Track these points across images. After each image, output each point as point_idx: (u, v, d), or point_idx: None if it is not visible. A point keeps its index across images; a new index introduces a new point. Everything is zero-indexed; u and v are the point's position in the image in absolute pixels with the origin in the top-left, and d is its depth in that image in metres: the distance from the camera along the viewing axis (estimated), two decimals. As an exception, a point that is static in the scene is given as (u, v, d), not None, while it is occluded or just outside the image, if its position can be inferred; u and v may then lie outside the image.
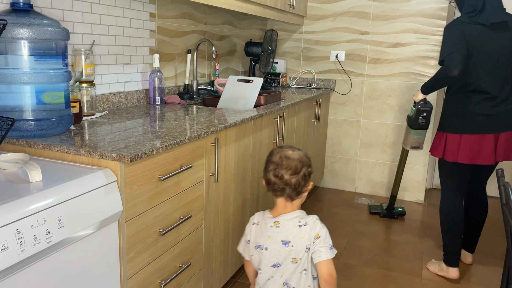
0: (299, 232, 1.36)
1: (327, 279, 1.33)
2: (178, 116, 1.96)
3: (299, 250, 1.35)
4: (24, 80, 1.35)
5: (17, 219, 0.97)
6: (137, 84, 2.31)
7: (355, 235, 2.89)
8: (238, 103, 2.46)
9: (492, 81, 2.15)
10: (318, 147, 3.54)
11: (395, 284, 2.32)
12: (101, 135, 1.49)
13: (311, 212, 3.26)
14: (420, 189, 3.59)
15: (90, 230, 1.16)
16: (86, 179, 1.17)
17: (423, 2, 3.31)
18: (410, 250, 2.73)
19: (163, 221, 1.50)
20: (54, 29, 1.38)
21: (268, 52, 3.28)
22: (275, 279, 1.38)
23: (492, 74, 2.15)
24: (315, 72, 3.73)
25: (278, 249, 1.36)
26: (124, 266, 1.33)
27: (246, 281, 2.29)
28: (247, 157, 2.12)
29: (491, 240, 2.92)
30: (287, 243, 1.35)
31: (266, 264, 1.39)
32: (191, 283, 1.74)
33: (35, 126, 1.39)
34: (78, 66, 1.82)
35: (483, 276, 2.45)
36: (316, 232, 1.35)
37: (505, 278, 1.53)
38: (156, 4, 2.38)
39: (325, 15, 3.62)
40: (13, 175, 1.17)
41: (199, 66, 2.91)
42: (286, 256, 1.36)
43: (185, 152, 1.58)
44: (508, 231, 1.41)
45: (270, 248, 1.37)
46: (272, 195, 1.40)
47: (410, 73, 3.44)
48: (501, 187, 1.44)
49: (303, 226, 1.37)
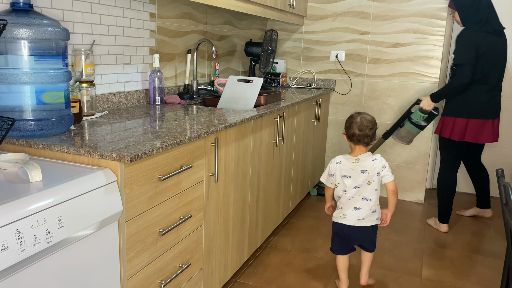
0: (372, 164, 2.07)
1: (393, 190, 2.11)
2: (178, 116, 1.96)
3: (372, 175, 2.07)
4: (24, 80, 1.35)
5: (17, 219, 0.97)
6: (137, 84, 2.31)
7: (336, 278, 2.89)
8: (238, 103, 2.46)
9: (495, 74, 2.73)
10: (318, 147, 3.54)
11: (395, 284, 2.32)
12: (101, 135, 1.49)
13: (311, 213, 3.27)
14: (420, 189, 3.59)
15: (90, 230, 1.16)
16: (86, 179, 1.17)
17: (423, 2, 3.31)
18: (410, 250, 2.73)
19: (163, 221, 1.50)
20: (54, 29, 1.38)
21: (268, 52, 3.28)
22: (356, 197, 2.08)
23: (494, 69, 2.72)
24: (315, 72, 3.73)
25: (358, 176, 2.07)
26: (124, 266, 1.33)
27: (246, 281, 2.29)
28: (247, 157, 2.12)
29: (491, 240, 2.92)
30: (365, 171, 2.07)
31: (350, 187, 2.08)
32: (191, 283, 1.74)
33: (35, 126, 1.39)
34: (78, 66, 1.82)
35: (483, 276, 2.45)
36: (383, 164, 2.08)
37: (505, 278, 1.53)
38: (156, 4, 2.38)
39: (325, 15, 3.62)
40: (13, 175, 1.17)
41: (199, 66, 2.91)
42: (364, 180, 2.07)
43: (185, 152, 1.58)
44: (508, 231, 1.41)
45: (353, 176, 2.07)
46: (354, 143, 2.08)
47: (410, 73, 3.44)
48: (501, 187, 1.44)
49: (374, 160, 2.08)
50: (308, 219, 3.13)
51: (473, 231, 3.05)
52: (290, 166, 2.85)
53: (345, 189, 2.10)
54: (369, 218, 2.10)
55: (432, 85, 3.39)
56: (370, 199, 2.08)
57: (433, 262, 2.58)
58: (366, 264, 2.26)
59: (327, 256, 2.60)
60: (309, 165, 3.32)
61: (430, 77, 3.39)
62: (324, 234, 2.89)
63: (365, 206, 2.08)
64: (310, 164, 3.35)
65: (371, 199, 2.08)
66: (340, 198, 2.14)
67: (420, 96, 3.43)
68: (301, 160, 3.08)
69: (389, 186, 2.11)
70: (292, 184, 2.94)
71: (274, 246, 2.69)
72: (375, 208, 2.10)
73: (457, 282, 2.37)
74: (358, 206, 2.08)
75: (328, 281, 2.33)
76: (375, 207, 2.10)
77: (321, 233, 2.92)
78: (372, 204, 2.08)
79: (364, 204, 2.08)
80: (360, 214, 2.08)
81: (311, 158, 3.34)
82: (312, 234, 2.89)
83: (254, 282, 2.28)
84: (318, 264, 2.50)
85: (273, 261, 2.51)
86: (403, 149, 3.56)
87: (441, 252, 2.72)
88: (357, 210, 2.09)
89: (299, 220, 3.11)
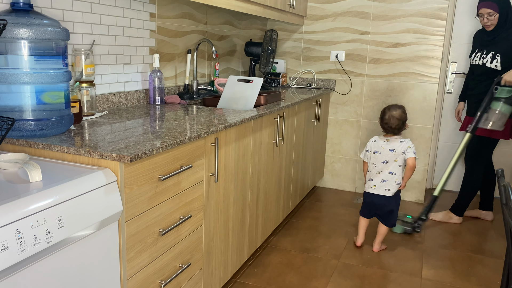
0: (400, 144, 2.54)
1: (411, 166, 2.53)
2: (178, 116, 1.96)
3: (398, 154, 2.54)
4: (24, 80, 1.35)
5: (17, 219, 0.97)
6: (137, 84, 2.31)
7: (355, 235, 2.89)
8: (238, 103, 2.46)
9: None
10: (318, 147, 3.54)
11: (395, 284, 2.32)
12: (101, 135, 1.49)
13: (311, 213, 3.27)
14: (420, 189, 3.59)
15: (90, 230, 1.16)
16: (86, 179, 1.17)
17: (423, 2, 3.31)
18: (410, 250, 2.73)
19: (163, 221, 1.50)
20: (54, 29, 1.38)
21: (268, 52, 3.28)
22: (383, 171, 2.57)
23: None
24: (315, 72, 3.73)
25: (387, 153, 2.56)
26: (124, 266, 1.33)
27: (246, 281, 2.29)
28: (247, 157, 2.12)
29: (491, 240, 2.92)
30: (393, 150, 2.55)
31: (379, 162, 2.58)
32: (191, 283, 1.74)
33: (35, 126, 1.39)
34: (78, 66, 1.82)
35: (483, 276, 2.45)
36: (408, 145, 2.53)
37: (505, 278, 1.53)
38: (156, 4, 2.38)
39: (325, 15, 3.62)
40: (13, 175, 1.17)
41: (199, 66, 2.91)
42: (391, 157, 2.55)
43: (185, 152, 1.58)
44: (508, 231, 1.41)
45: (382, 153, 2.57)
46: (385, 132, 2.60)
47: (410, 73, 3.44)
48: (501, 187, 1.44)
49: (402, 142, 2.55)
50: (308, 219, 3.13)
51: (473, 231, 3.05)
52: (290, 166, 2.85)
53: (375, 162, 2.59)
54: (393, 189, 2.57)
55: (432, 85, 3.39)
56: (395, 173, 2.55)
57: (433, 262, 2.58)
58: (381, 235, 2.68)
59: (327, 256, 2.60)
60: (309, 165, 3.32)
61: (430, 77, 3.39)
62: (324, 234, 2.89)
63: (391, 179, 2.56)
64: (310, 164, 3.35)
65: (395, 173, 2.55)
66: (371, 171, 2.62)
67: None
68: (301, 160, 3.08)
69: (408, 161, 2.53)
70: (292, 184, 2.94)
71: (274, 246, 2.69)
72: (399, 181, 2.57)
73: (457, 282, 2.37)
74: (385, 178, 2.57)
75: (328, 281, 2.33)
76: (399, 180, 2.57)
77: (321, 233, 2.92)
78: (396, 177, 2.56)
79: (390, 177, 2.56)
80: (386, 185, 2.57)
81: (311, 158, 3.34)
82: (312, 234, 2.89)
83: (254, 282, 2.28)
84: (318, 264, 2.50)
85: (273, 261, 2.51)
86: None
87: (441, 252, 2.72)
88: (384, 182, 2.57)
89: (299, 220, 3.11)
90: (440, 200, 3.67)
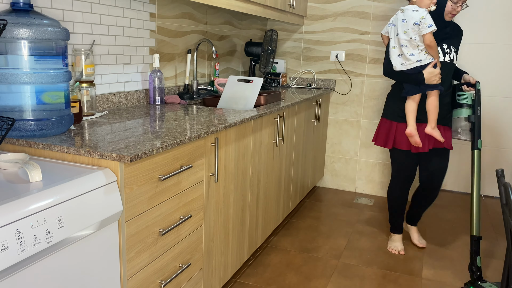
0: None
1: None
2: (178, 116, 1.96)
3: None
4: (24, 80, 1.35)
5: (17, 219, 0.97)
6: (137, 84, 2.31)
7: (355, 235, 2.89)
8: (238, 103, 2.46)
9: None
10: (318, 147, 3.54)
11: (395, 284, 2.32)
12: (101, 135, 1.49)
13: (311, 213, 3.26)
14: (420, 189, 3.59)
15: (90, 230, 1.16)
16: (86, 179, 1.17)
17: (423, 2, 3.31)
18: (410, 250, 2.73)
19: (163, 221, 1.50)
20: (54, 29, 1.38)
21: (268, 52, 3.28)
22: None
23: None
24: (315, 72, 3.73)
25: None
26: (124, 266, 1.33)
27: (246, 281, 2.30)
28: (247, 157, 2.12)
29: (491, 240, 2.92)
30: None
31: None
32: (191, 283, 1.74)
33: (35, 126, 1.39)
34: (78, 66, 1.82)
35: (483, 276, 2.44)
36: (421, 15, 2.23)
37: (505, 278, 1.53)
38: (156, 4, 2.38)
39: (325, 15, 3.62)
40: (13, 175, 1.17)
41: (199, 66, 2.91)
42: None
43: (185, 152, 1.58)
44: (508, 231, 1.41)
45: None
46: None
47: (410, 73, 3.43)
48: (501, 187, 1.44)
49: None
50: (308, 219, 3.13)
51: (473, 231, 3.05)
52: (290, 166, 2.85)
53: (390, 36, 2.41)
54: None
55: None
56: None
57: (433, 262, 2.58)
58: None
59: (327, 256, 2.60)
60: (309, 165, 3.32)
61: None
62: (324, 234, 2.90)
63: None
64: (310, 164, 3.35)
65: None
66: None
67: None
68: (301, 160, 3.08)
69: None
70: (292, 184, 2.94)
71: (274, 246, 2.69)
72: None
73: (457, 282, 2.37)
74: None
75: (328, 281, 2.33)
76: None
77: (321, 233, 2.92)
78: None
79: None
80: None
81: (311, 158, 3.34)
82: (312, 234, 2.89)
83: (254, 282, 2.28)
84: (318, 264, 2.51)
85: (273, 261, 2.51)
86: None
87: (441, 252, 2.72)
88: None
89: (299, 220, 3.11)
90: (438, 199, 3.68)
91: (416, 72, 2.30)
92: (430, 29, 2.20)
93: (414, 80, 2.33)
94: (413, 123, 2.39)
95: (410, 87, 2.36)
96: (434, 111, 2.36)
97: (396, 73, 2.39)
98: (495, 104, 3.66)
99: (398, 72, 2.37)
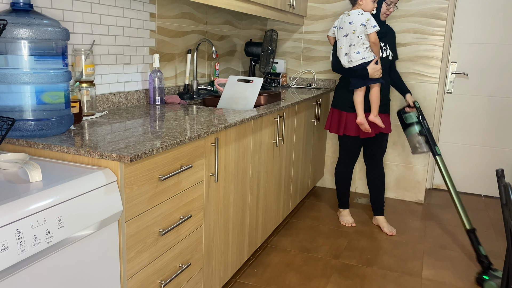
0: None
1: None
2: (178, 116, 1.96)
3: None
4: (24, 80, 1.35)
5: (17, 219, 0.97)
6: (137, 84, 2.31)
7: (355, 235, 2.89)
8: (238, 103, 2.46)
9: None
10: (318, 147, 3.54)
11: (395, 284, 2.32)
12: (101, 135, 1.49)
13: (311, 213, 3.26)
14: (420, 189, 3.59)
15: (90, 230, 1.16)
16: (86, 179, 1.17)
17: (423, 2, 3.31)
18: (410, 250, 2.73)
19: (163, 221, 1.50)
20: (54, 29, 1.38)
21: (268, 52, 3.28)
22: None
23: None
24: (315, 72, 3.73)
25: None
26: (124, 266, 1.33)
27: (246, 281, 2.30)
28: (247, 157, 2.12)
29: (491, 240, 2.92)
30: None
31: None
32: (191, 283, 1.74)
33: (35, 126, 1.39)
34: (78, 66, 1.82)
35: (483, 276, 2.45)
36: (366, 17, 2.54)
37: (505, 278, 1.53)
38: (156, 4, 2.38)
39: (325, 15, 3.62)
40: (13, 175, 1.17)
41: (199, 66, 2.91)
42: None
43: (185, 152, 1.58)
44: (508, 231, 1.41)
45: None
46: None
47: (410, 73, 3.44)
48: (501, 187, 1.44)
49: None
50: (308, 219, 3.13)
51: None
52: (290, 166, 2.85)
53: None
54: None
55: (432, 85, 3.39)
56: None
57: (433, 262, 2.58)
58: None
59: (327, 256, 2.60)
60: (309, 165, 3.32)
61: (430, 77, 3.39)
62: (324, 234, 2.90)
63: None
64: (310, 164, 3.35)
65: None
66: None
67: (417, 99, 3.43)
68: (301, 160, 3.08)
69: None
70: (292, 184, 2.94)
71: (274, 246, 2.69)
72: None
73: (457, 282, 2.37)
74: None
75: (328, 281, 2.33)
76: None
77: (321, 233, 2.92)
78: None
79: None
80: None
81: (311, 158, 3.34)
82: (312, 234, 2.89)
83: (254, 282, 2.28)
84: (318, 264, 2.51)
85: (273, 261, 2.51)
86: (403, 149, 3.56)
87: (441, 252, 2.72)
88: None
89: (299, 220, 3.11)
90: (438, 199, 3.68)
91: (361, 68, 2.63)
92: (375, 29, 2.55)
93: (360, 75, 2.66)
94: (362, 113, 2.74)
95: (356, 81, 2.70)
96: (376, 101, 2.71)
97: (344, 69, 2.72)
98: (495, 104, 3.66)
99: (346, 68, 2.69)
